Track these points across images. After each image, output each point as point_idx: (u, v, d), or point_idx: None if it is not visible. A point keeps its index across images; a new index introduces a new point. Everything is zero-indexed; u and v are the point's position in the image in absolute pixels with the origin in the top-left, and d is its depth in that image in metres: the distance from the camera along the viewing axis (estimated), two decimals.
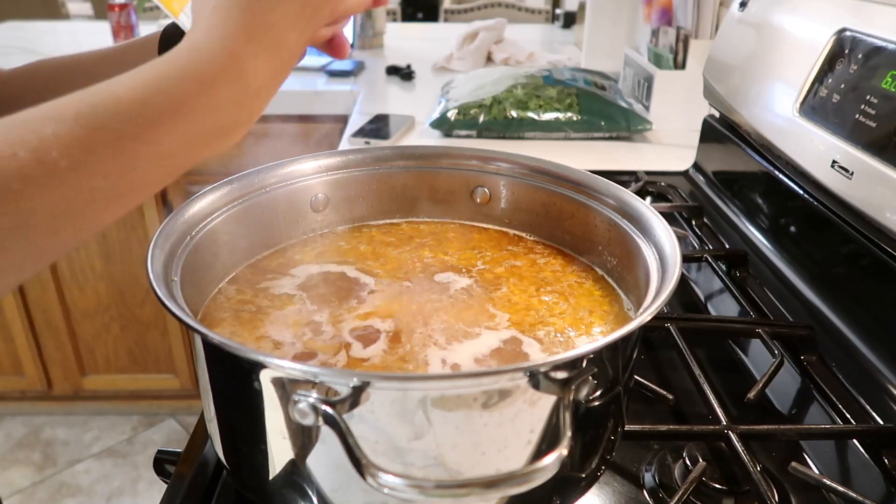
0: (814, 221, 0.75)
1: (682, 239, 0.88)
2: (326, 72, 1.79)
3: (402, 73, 1.78)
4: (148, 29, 2.09)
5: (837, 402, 0.60)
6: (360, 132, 1.31)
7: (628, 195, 0.57)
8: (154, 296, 0.41)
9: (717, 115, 1.04)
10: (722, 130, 1.00)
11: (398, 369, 0.46)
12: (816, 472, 0.54)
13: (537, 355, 0.49)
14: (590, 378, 0.39)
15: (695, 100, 1.15)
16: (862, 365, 0.63)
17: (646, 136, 1.32)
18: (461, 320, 0.52)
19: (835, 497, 0.52)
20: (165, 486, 0.53)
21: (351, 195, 0.64)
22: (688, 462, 0.52)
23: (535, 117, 1.28)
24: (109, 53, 0.62)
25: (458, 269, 0.59)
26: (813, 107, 0.74)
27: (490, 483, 0.34)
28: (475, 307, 0.54)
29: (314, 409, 0.36)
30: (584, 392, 0.39)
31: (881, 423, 0.58)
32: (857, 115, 0.67)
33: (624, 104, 1.32)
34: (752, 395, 0.58)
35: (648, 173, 1.05)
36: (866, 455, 0.54)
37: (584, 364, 0.39)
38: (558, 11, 2.63)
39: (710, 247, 0.87)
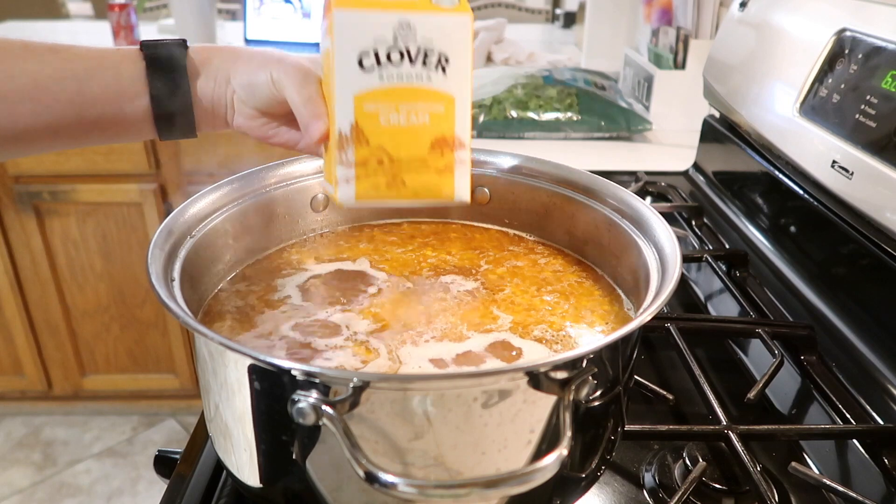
0: (814, 221, 0.75)
1: (682, 239, 0.88)
2: None
3: None
4: (148, 29, 2.09)
5: (837, 402, 0.60)
6: None
7: (628, 195, 0.57)
8: (154, 296, 0.41)
9: (717, 115, 1.04)
10: (722, 130, 1.00)
11: (399, 370, 0.46)
12: (816, 472, 0.54)
13: (537, 355, 0.49)
14: (590, 378, 0.39)
15: (695, 100, 1.15)
16: (862, 365, 0.63)
17: (646, 136, 1.32)
18: (466, 321, 0.52)
19: (835, 497, 0.52)
20: (165, 486, 0.53)
21: None
22: (688, 462, 0.52)
23: (535, 117, 1.28)
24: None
25: (462, 269, 0.59)
26: (813, 107, 0.74)
27: (490, 483, 0.34)
28: (480, 308, 0.54)
29: (314, 409, 0.36)
30: (584, 392, 0.39)
31: (881, 423, 0.58)
32: (857, 115, 0.67)
33: (624, 104, 1.32)
34: (752, 395, 0.58)
35: (648, 173, 1.05)
36: (866, 455, 0.54)
37: (584, 364, 0.39)
38: (558, 11, 2.63)
39: (710, 247, 0.87)
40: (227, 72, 0.50)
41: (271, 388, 0.39)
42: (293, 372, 0.37)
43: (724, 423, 0.54)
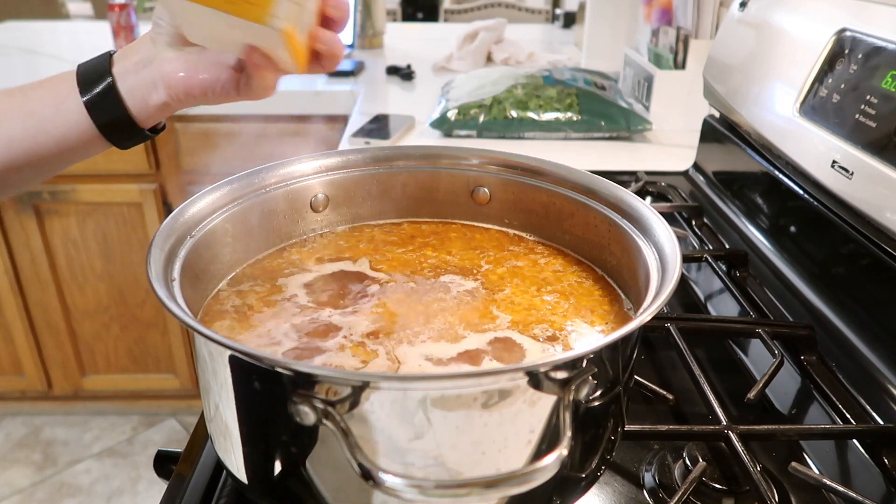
0: (814, 221, 0.75)
1: (682, 239, 0.88)
2: None
3: (402, 73, 1.78)
4: (148, 28, 2.08)
5: (837, 402, 0.60)
6: (360, 132, 1.31)
7: (628, 195, 0.57)
8: (154, 296, 0.41)
9: (717, 115, 1.04)
10: (722, 130, 1.00)
11: (398, 370, 0.46)
12: (816, 472, 0.54)
13: (536, 354, 0.49)
14: (590, 378, 0.39)
15: (695, 100, 1.15)
16: (862, 365, 0.63)
17: (646, 136, 1.32)
18: (466, 321, 0.52)
19: (835, 497, 0.52)
20: (165, 486, 0.53)
21: (351, 195, 0.64)
22: (688, 462, 0.52)
23: (535, 117, 1.28)
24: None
25: (462, 269, 0.59)
26: (813, 107, 0.74)
27: (490, 483, 0.34)
28: (480, 308, 0.54)
29: (314, 409, 0.36)
30: (584, 392, 0.39)
31: (881, 423, 0.58)
32: (857, 115, 0.67)
33: (624, 104, 1.32)
34: (752, 395, 0.58)
35: (648, 173, 1.05)
36: (866, 455, 0.54)
37: (584, 364, 0.39)
38: (558, 11, 2.63)
39: (710, 247, 0.87)
40: (148, 36, 0.55)
41: (271, 388, 0.39)
42: (293, 372, 0.37)
43: (724, 423, 0.54)
